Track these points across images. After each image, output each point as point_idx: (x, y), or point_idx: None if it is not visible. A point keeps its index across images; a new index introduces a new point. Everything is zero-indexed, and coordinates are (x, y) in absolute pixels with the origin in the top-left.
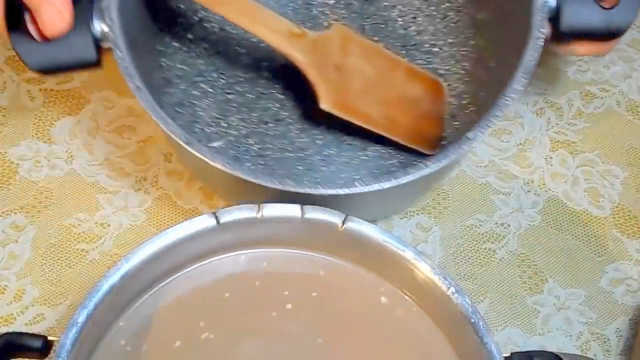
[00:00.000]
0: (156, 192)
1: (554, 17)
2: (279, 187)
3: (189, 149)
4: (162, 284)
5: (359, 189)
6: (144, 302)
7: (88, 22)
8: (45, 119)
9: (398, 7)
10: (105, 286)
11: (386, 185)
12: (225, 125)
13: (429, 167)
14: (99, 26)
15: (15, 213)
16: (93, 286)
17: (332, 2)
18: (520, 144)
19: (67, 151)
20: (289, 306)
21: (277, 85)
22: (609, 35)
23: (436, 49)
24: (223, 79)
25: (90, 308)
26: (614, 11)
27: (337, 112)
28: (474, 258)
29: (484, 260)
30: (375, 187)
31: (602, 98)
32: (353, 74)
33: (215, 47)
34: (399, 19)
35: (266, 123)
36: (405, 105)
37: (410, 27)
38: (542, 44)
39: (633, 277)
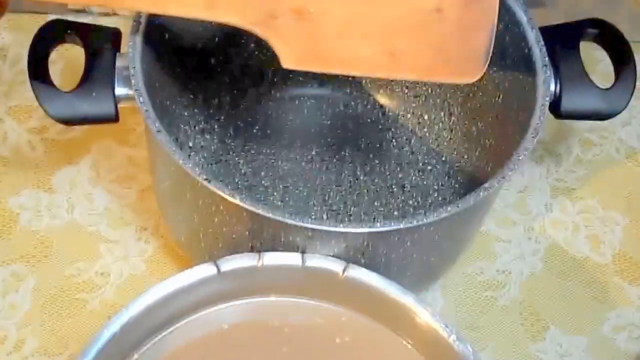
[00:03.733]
0: (157, 242)
1: (554, 101)
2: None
3: (209, 187)
4: (162, 334)
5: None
6: (144, 352)
7: (111, 80)
8: (46, 168)
9: (391, 129)
10: (106, 335)
11: (405, 225)
12: None
13: (451, 209)
14: (119, 88)
15: (15, 263)
16: (93, 336)
17: (329, 122)
18: (520, 191)
19: (67, 200)
20: (290, 355)
21: (276, 192)
22: (606, 116)
23: (430, 167)
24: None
25: (91, 358)
26: (611, 93)
27: (307, 67)
28: (475, 306)
29: (485, 308)
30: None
31: (601, 145)
32: (325, 11)
33: (213, 157)
34: (393, 140)
35: None
36: (416, 25)
37: (404, 147)
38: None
39: (635, 323)
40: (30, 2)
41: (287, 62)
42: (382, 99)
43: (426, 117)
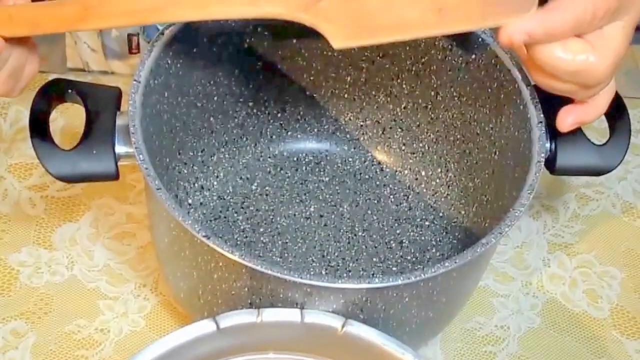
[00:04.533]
0: (156, 298)
1: (550, 157)
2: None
3: (209, 243)
4: None
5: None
6: None
7: (111, 138)
8: (46, 225)
9: (389, 186)
10: None
11: (404, 280)
12: None
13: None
14: (119, 146)
15: (15, 319)
16: None
17: (327, 179)
18: (518, 246)
19: (67, 257)
20: None
21: (275, 248)
22: (601, 172)
23: (427, 223)
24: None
25: None
26: (606, 148)
27: (357, 42)
28: None
29: None
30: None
31: (597, 200)
32: None
33: (213, 213)
34: (391, 196)
35: None
36: None
37: (401, 203)
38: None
39: None
40: None
41: (337, 42)
42: (380, 156)
43: (423, 174)
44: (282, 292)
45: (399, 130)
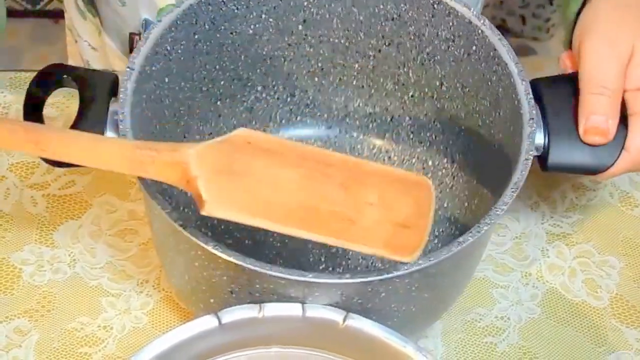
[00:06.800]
0: (158, 294)
1: (542, 154)
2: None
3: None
4: None
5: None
6: None
7: (102, 124)
8: (48, 223)
9: None
10: None
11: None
12: None
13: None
14: (110, 133)
15: (18, 318)
16: None
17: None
18: (516, 237)
19: (69, 255)
20: None
21: (274, 240)
22: (594, 171)
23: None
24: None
25: None
26: (601, 147)
27: (225, 214)
28: (476, 352)
29: (485, 355)
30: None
31: (594, 190)
32: (262, 181)
33: (205, 220)
34: None
35: None
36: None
37: None
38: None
39: None
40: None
41: (207, 208)
42: (388, 144)
43: (430, 163)
44: (281, 289)
45: (407, 118)
